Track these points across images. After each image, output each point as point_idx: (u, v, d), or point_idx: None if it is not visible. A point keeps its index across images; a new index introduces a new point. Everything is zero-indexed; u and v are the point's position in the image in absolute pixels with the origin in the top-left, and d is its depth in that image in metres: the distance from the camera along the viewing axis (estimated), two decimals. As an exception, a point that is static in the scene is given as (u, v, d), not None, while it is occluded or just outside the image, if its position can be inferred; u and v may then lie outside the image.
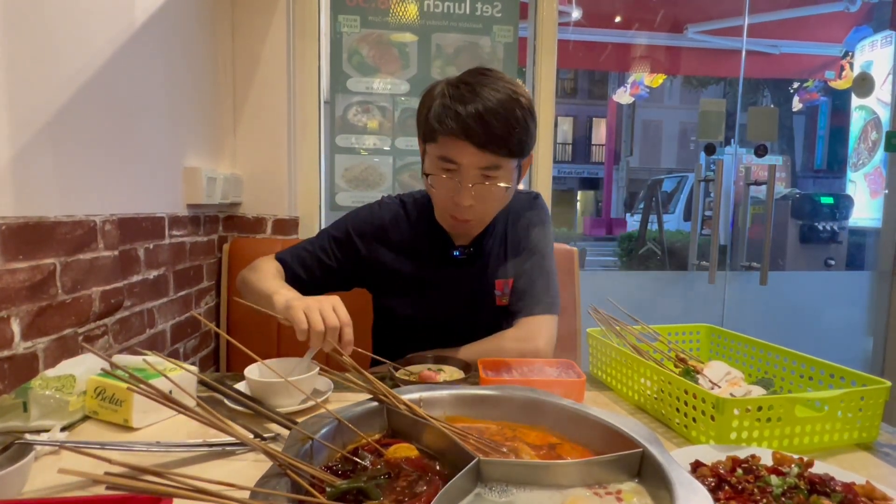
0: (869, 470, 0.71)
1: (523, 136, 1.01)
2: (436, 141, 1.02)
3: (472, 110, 0.96)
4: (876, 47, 3.13)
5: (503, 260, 1.19)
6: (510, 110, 0.98)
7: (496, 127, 0.96)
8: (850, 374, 0.83)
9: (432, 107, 1.01)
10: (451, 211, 1.06)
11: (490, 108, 0.96)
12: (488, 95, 0.97)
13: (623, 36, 4.11)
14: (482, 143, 0.97)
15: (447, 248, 1.17)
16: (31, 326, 0.88)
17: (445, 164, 1.02)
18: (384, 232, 1.18)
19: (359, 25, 1.83)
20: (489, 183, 1.02)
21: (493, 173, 1.02)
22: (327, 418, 0.61)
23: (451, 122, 0.97)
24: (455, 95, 0.99)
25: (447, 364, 0.98)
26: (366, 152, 1.87)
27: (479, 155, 0.99)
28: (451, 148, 1.00)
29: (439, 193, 1.06)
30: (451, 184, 1.03)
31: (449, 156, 1.01)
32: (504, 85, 1.00)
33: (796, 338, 2.33)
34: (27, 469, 0.59)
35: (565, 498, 0.52)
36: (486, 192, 1.03)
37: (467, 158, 0.99)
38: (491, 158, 0.99)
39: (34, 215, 0.89)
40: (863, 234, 3.21)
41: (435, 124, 1.00)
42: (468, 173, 1.01)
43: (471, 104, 0.96)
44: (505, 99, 0.98)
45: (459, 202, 1.02)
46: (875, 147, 3.10)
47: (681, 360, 0.97)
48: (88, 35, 1.03)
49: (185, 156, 1.43)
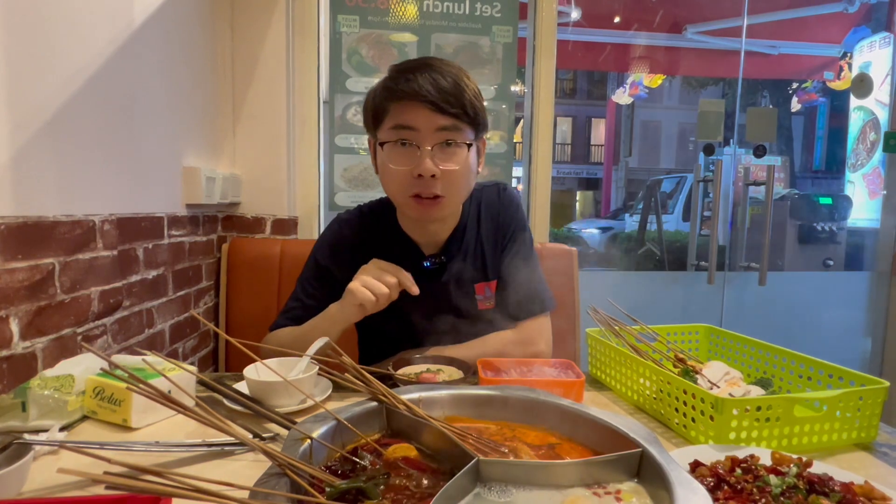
0: (867, 470, 0.71)
1: (476, 102, 0.99)
2: (387, 113, 0.98)
3: (422, 75, 0.95)
4: (874, 48, 3.14)
5: (480, 262, 1.12)
6: (459, 79, 0.98)
7: (448, 86, 0.95)
8: (848, 374, 0.83)
9: (377, 89, 1.00)
10: (415, 188, 0.98)
11: (440, 73, 0.96)
12: (436, 65, 0.98)
13: (622, 36, 4.11)
14: (436, 102, 0.94)
15: (416, 259, 1.10)
16: (30, 326, 0.88)
17: (402, 132, 0.97)
18: (349, 249, 1.11)
19: (358, 25, 1.83)
20: (450, 148, 0.98)
21: (452, 135, 0.97)
22: (326, 418, 0.61)
23: (402, 86, 0.95)
24: (402, 68, 0.99)
25: (446, 364, 0.98)
26: (365, 152, 1.87)
27: (436, 116, 0.95)
28: (406, 112, 0.96)
29: (399, 171, 0.98)
30: (410, 153, 0.97)
31: (403, 122, 0.96)
32: (451, 65, 1.01)
33: (795, 338, 2.34)
34: (26, 469, 0.59)
35: (565, 498, 0.52)
36: (448, 157, 0.98)
37: (423, 120, 0.95)
38: (449, 119, 0.96)
39: (33, 215, 0.89)
40: (861, 235, 3.22)
41: (383, 96, 0.98)
42: (427, 136, 0.96)
43: (419, 72, 0.96)
44: (453, 71, 0.99)
45: (422, 171, 0.96)
46: (873, 148, 3.10)
47: (680, 360, 0.97)
48: (88, 34, 1.03)
49: (184, 155, 1.43)
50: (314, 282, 1.13)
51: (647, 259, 4.40)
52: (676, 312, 2.53)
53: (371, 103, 1.03)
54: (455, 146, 0.98)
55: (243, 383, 0.89)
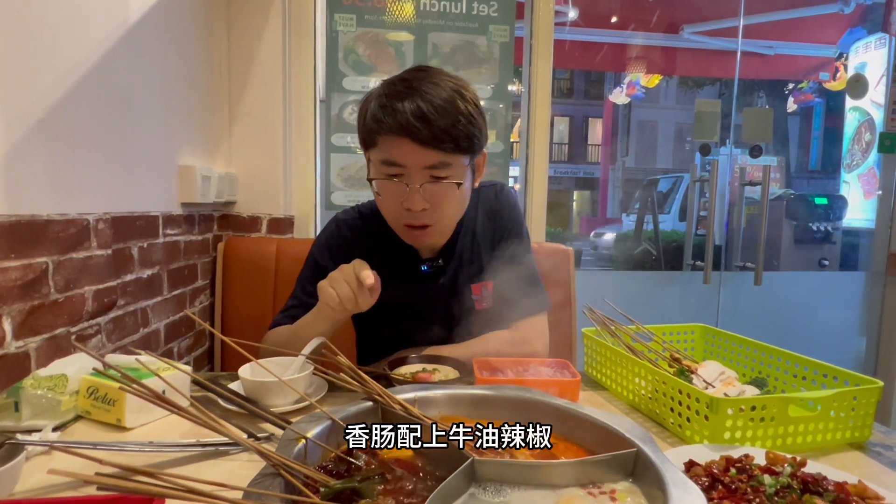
0: (861, 469, 0.71)
1: (470, 129, 0.94)
2: (376, 144, 0.96)
3: (411, 106, 0.90)
4: (870, 49, 3.15)
5: (477, 263, 1.13)
6: (451, 103, 0.92)
7: (438, 120, 0.90)
8: (842, 374, 0.83)
9: (368, 110, 0.96)
10: (404, 219, 0.99)
11: (430, 101, 0.90)
12: (427, 90, 0.91)
13: (619, 36, 4.12)
14: (424, 140, 0.90)
15: (414, 263, 1.11)
16: (23, 326, 0.88)
17: (389, 167, 0.95)
18: (348, 248, 1.10)
19: (355, 24, 1.83)
20: (439, 183, 0.95)
21: (442, 172, 0.95)
22: (321, 418, 0.61)
23: (388, 119, 0.91)
24: (391, 93, 0.93)
25: (442, 364, 0.98)
26: (361, 152, 1.87)
27: (423, 153, 0.92)
28: (393, 148, 0.93)
29: (387, 201, 0.99)
30: (399, 188, 0.95)
31: (391, 158, 0.94)
32: (445, 80, 0.95)
33: (790, 338, 2.35)
34: (18, 469, 0.59)
35: (559, 498, 0.52)
36: (437, 193, 0.96)
37: (411, 158, 0.93)
38: (437, 156, 0.93)
39: (26, 213, 0.88)
40: (856, 235, 3.23)
41: (372, 125, 0.94)
42: (415, 174, 0.94)
43: (408, 100, 0.90)
44: (446, 93, 0.92)
45: (410, 206, 0.96)
46: (868, 148, 3.12)
47: (675, 359, 0.97)
48: (82, 32, 1.02)
49: (180, 154, 1.42)
50: (314, 280, 1.10)
51: (643, 259, 4.41)
52: (672, 312, 2.54)
53: (362, 124, 0.99)
54: (443, 181, 0.96)
55: (238, 383, 0.89)
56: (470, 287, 1.12)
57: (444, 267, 1.11)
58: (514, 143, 2.03)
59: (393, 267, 1.03)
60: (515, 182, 2.16)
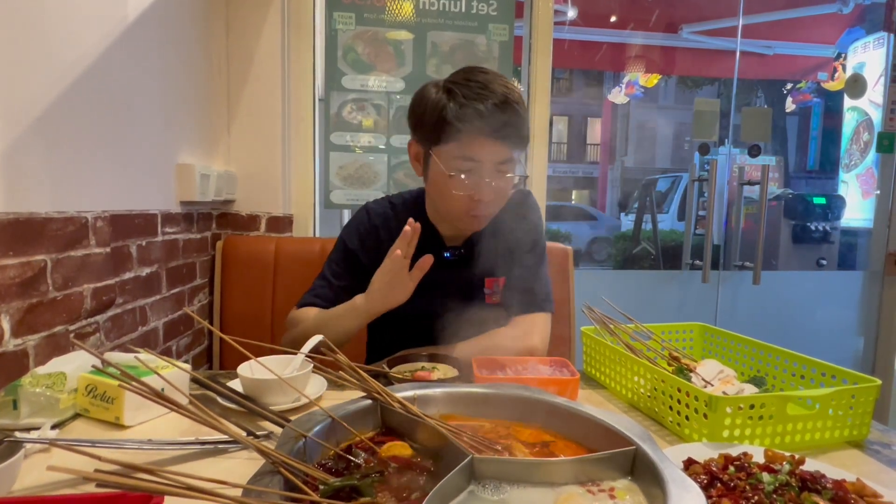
0: (859, 467, 0.72)
1: (526, 129, 1.07)
2: (456, 140, 1.02)
3: (490, 107, 0.99)
4: (868, 49, 3.15)
5: (494, 258, 1.18)
6: (514, 100, 1.02)
7: (511, 120, 1.00)
8: (841, 373, 0.84)
9: (445, 108, 1.01)
10: (472, 209, 1.07)
11: (503, 102, 1.00)
12: (498, 90, 1.00)
13: (618, 36, 4.13)
14: (502, 138, 1.01)
15: (439, 249, 1.16)
16: (22, 323, 0.87)
17: (465, 162, 1.03)
18: (377, 236, 1.18)
19: (354, 23, 1.82)
20: (506, 177, 1.05)
21: (506, 167, 1.05)
22: (321, 416, 0.61)
23: (475, 120, 0.99)
24: (469, 94, 1.00)
25: (441, 362, 0.98)
26: (361, 150, 1.87)
27: (499, 150, 1.02)
28: (473, 146, 1.01)
29: (459, 192, 1.05)
30: (473, 182, 1.03)
31: (471, 154, 1.02)
32: (503, 81, 1.03)
33: (788, 337, 2.35)
34: (17, 467, 0.59)
35: (559, 495, 0.52)
36: (504, 185, 1.06)
37: (488, 154, 1.02)
38: (507, 152, 1.03)
39: (24, 211, 0.88)
40: (854, 235, 3.23)
41: (456, 124, 1.00)
42: (488, 169, 1.03)
43: (487, 100, 0.99)
44: (511, 95, 1.02)
45: (482, 198, 1.04)
46: (867, 148, 3.12)
47: (674, 358, 0.97)
48: (81, 30, 1.02)
49: (179, 152, 1.42)
50: (343, 263, 1.19)
51: (642, 258, 4.42)
52: (671, 311, 2.54)
53: (434, 120, 1.03)
54: (508, 175, 1.06)
55: (237, 381, 0.89)
56: (484, 280, 1.17)
57: (466, 256, 1.17)
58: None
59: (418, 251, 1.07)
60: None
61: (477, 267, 1.17)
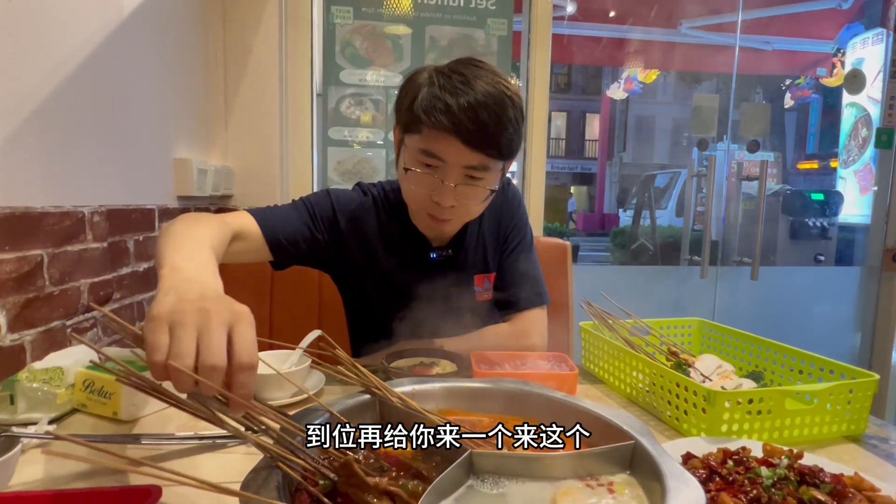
0: (857, 461, 0.72)
1: (514, 137, 0.93)
2: (419, 133, 0.92)
3: (463, 103, 0.87)
4: (867, 44, 3.15)
5: (482, 255, 1.14)
6: (503, 108, 0.90)
7: (488, 125, 0.88)
8: (839, 368, 0.84)
9: (419, 95, 0.92)
10: (429, 209, 0.98)
11: (483, 102, 0.88)
12: (481, 89, 0.88)
13: (617, 31, 4.11)
14: (472, 141, 0.89)
15: (424, 250, 1.11)
16: (18, 318, 0.87)
17: (428, 158, 0.93)
18: (363, 221, 1.09)
19: (352, 17, 1.81)
20: (474, 184, 0.94)
21: (478, 174, 0.93)
22: (319, 411, 0.61)
23: (439, 114, 0.88)
24: (445, 85, 0.90)
25: (440, 358, 0.98)
26: (358, 145, 1.86)
27: (466, 153, 0.90)
28: (437, 142, 0.91)
29: (417, 191, 0.97)
30: (432, 181, 0.94)
31: (433, 150, 0.92)
32: (496, 80, 0.92)
33: (786, 332, 2.35)
34: (14, 462, 0.58)
35: (557, 490, 0.52)
36: (469, 194, 0.95)
37: (454, 156, 0.91)
38: (479, 157, 0.91)
39: (20, 205, 0.87)
40: (852, 231, 3.24)
41: (421, 115, 0.90)
42: (452, 171, 0.92)
43: (463, 97, 0.88)
44: (498, 95, 0.89)
45: (440, 202, 0.94)
46: (865, 144, 3.12)
47: (672, 353, 0.97)
48: (76, 23, 1.01)
49: (176, 147, 1.41)
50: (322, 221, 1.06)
51: (640, 254, 4.42)
52: (669, 306, 2.54)
53: (406, 107, 0.95)
54: (479, 182, 0.95)
55: (235, 376, 0.88)
56: (473, 277, 1.14)
57: (452, 257, 1.12)
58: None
59: (402, 249, 1.04)
60: (513, 177, 2.16)
61: (465, 265, 1.12)
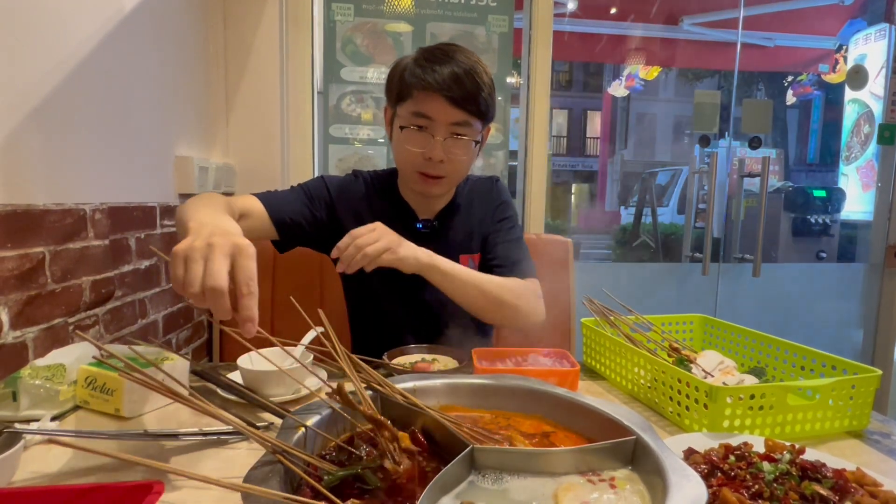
0: (859, 457, 0.72)
1: (489, 99, 1.10)
2: (411, 97, 1.08)
3: (446, 70, 1.05)
4: (870, 40, 3.13)
5: (467, 234, 1.22)
6: (479, 75, 1.08)
7: (468, 85, 1.06)
8: (841, 363, 0.84)
9: (407, 68, 1.09)
10: (422, 167, 1.10)
11: (463, 69, 1.06)
12: (460, 59, 1.07)
13: (618, 28, 4.10)
14: (454, 99, 1.05)
15: (411, 221, 1.21)
16: (20, 316, 0.87)
17: (419, 119, 1.08)
18: (357, 202, 1.21)
19: (352, 14, 1.81)
20: (459, 139, 1.09)
21: (462, 130, 1.09)
22: (321, 407, 0.61)
23: (427, 77, 1.05)
24: (429, 57, 1.08)
25: (440, 354, 0.98)
26: (359, 143, 1.86)
27: (451, 110, 1.06)
28: (426, 102, 1.06)
29: (411, 150, 1.10)
30: (424, 138, 1.08)
31: (423, 111, 1.07)
32: (472, 57, 1.10)
33: (788, 329, 2.35)
34: (16, 458, 0.58)
35: (559, 485, 0.52)
36: (456, 147, 1.09)
37: (441, 113, 1.06)
38: (462, 115, 1.07)
39: (22, 203, 0.87)
40: (854, 227, 3.23)
41: (411, 80, 1.07)
42: (440, 128, 1.07)
43: (446, 66, 1.06)
44: (473, 66, 1.08)
45: (432, 156, 1.08)
46: (867, 140, 3.11)
47: (674, 349, 0.97)
48: (78, 21, 1.01)
49: (177, 145, 1.41)
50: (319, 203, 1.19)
51: (642, 251, 4.42)
52: (671, 303, 2.54)
53: (397, 80, 1.11)
54: (463, 138, 1.09)
55: (237, 373, 0.89)
56: (458, 256, 1.19)
57: (438, 228, 1.21)
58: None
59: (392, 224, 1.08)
60: (516, 174, 2.15)
61: (449, 240, 1.20)
